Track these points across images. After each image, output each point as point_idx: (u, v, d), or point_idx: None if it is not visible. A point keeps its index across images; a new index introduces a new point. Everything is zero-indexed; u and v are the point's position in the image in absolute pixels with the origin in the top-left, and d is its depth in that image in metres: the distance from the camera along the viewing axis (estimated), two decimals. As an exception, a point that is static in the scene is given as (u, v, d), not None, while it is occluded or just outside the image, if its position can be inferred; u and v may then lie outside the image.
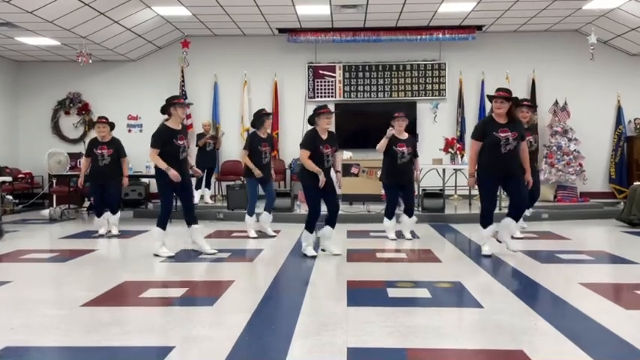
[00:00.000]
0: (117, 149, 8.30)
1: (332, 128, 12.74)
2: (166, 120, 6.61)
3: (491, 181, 6.29)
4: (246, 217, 8.13)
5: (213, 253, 6.62)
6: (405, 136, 7.61)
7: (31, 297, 4.81)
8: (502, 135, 6.08)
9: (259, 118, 7.89)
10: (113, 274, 5.81)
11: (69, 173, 11.22)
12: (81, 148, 12.19)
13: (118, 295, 4.91)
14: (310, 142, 6.33)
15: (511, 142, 6.09)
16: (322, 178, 6.24)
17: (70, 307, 4.40)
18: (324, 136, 6.41)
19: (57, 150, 12.01)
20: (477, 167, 6.36)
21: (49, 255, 6.86)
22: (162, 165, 6.32)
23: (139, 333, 3.80)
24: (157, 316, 4.24)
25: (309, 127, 6.59)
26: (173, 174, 6.29)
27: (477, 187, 6.49)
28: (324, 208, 6.53)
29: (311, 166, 6.25)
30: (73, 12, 9.51)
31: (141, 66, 12.99)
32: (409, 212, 7.72)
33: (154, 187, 11.91)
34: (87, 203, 11.50)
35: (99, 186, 8.32)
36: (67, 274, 5.85)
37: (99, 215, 8.34)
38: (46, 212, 10.64)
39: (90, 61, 11.04)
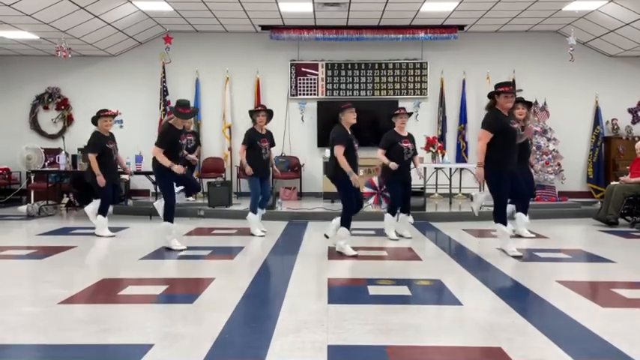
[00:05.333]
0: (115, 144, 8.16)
1: (314, 126, 12.84)
2: (170, 119, 6.88)
3: (505, 175, 6.14)
4: (250, 215, 7.93)
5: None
6: (406, 133, 7.64)
7: (7, 294, 4.74)
8: (515, 126, 6.12)
9: (251, 115, 8.05)
10: (91, 271, 5.76)
11: (47, 169, 11.07)
12: (59, 143, 12.03)
13: (97, 293, 4.86)
14: (343, 137, 6.28)
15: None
16: (354, 178, 6.20)
17: (47, 305, 4.35)
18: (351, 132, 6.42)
19: (33, 145, 11.85)
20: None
21: (27, 252, 6.77)
22: (167, 162, 6.54)
23: (118, 331, 3.77)
24: (136, 314, 4.21)
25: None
26: (178, 168, 6.57)
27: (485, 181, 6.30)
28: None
29: (344, 163, 6.18)
30: (52, 5, 9.37)
31: (121, 61, 12.85)
32: (408, 210, 7.74)
33: (133, 184, 11.88)
34: (65, 199, 11.36)
35: (111, 183, 8.00)
36: (44, 271, 5.78)
37: (105, 214, 7.94)
38: (23, 208, 10.49)
39: (69, 56, 10.90)
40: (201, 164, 12.47)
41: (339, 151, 6.19)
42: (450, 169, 11.16)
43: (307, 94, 12.60)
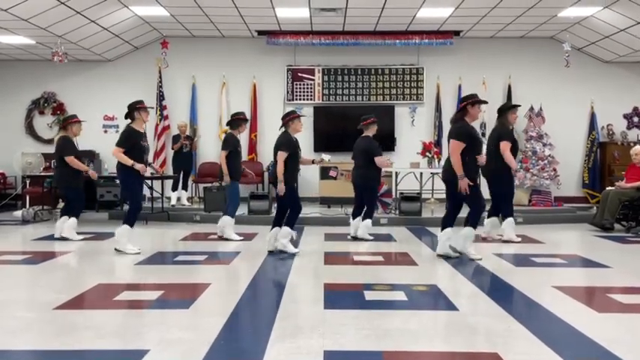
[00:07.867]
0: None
1: (310, 131, 12.88)
2: (131, 123, 6.92)
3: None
4: (227, 219, 8.02)
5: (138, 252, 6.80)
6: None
7: (2, 299, 4.72)
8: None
9: (240, 121, 8.11)
10: (87, 276, 5.73)
11: (43, 174, 11.04)
12: (55, 148, 11.99)
13: (92, 298, 4.84)
14: (288, 144, 6.68)
15: None
16: (281, 188, 6.61)
17: (42, 310, 4.33)
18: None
19: (30, 150, 11.81)
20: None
21: (22, 257, 6.74)
22: (129, 161, 6.64)
23: (113, 336, 3.75)
24: (132, 319, 4.20)
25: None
26: (141, 167, 6.68)
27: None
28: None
29: (280, 170, 6.61)
30: (48, 10, 9.37)
31: (118, 66, 12.84)
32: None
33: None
34: (61, 204, 11.31)
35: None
36: (39, 276, 5.76)
37: (78, 216, 8.06)
38: (18, 213, 10.45)
39: (65, 61, 10.88)
40: (197, 169, 12.46)
41: (281, 157, 6.60)
42: (446, 174, 11.15)
43: (303, 99, 12.62)
